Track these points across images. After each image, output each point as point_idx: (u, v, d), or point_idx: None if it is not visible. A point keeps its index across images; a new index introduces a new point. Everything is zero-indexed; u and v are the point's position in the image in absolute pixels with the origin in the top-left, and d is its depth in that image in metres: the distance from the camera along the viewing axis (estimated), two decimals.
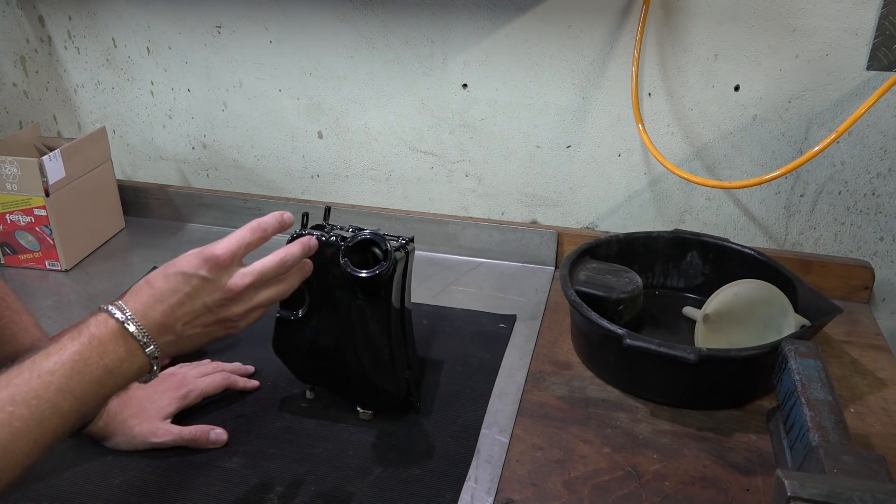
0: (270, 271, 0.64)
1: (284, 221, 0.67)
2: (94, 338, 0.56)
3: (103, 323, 0.57)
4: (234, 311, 0.62)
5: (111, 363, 0.56)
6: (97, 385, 0.55)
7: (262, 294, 0.64)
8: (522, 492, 0.74)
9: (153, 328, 0.58)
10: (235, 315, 0.63)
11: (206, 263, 0.61)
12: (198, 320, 0.61)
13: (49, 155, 1.08)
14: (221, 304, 0.61)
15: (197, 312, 0.60)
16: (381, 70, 1.16)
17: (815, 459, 0.64)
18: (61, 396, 0.54)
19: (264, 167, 1.29)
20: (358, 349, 0.78)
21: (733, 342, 0.90)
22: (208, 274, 0.60)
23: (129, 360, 0.57)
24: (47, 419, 0.53)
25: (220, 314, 0.62)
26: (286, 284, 0.66)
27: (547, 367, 0.93)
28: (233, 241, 0.62)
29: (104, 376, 0.56)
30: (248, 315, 0.64)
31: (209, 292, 0.61)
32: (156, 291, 0.60)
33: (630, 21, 1.04)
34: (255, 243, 0.64)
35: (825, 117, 1.03)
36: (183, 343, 0.61)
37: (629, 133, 1.10)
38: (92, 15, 1.24)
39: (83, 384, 0.55)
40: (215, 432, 0.79)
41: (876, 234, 1.09)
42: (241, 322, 0.64)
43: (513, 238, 1.18)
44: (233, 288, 0.61)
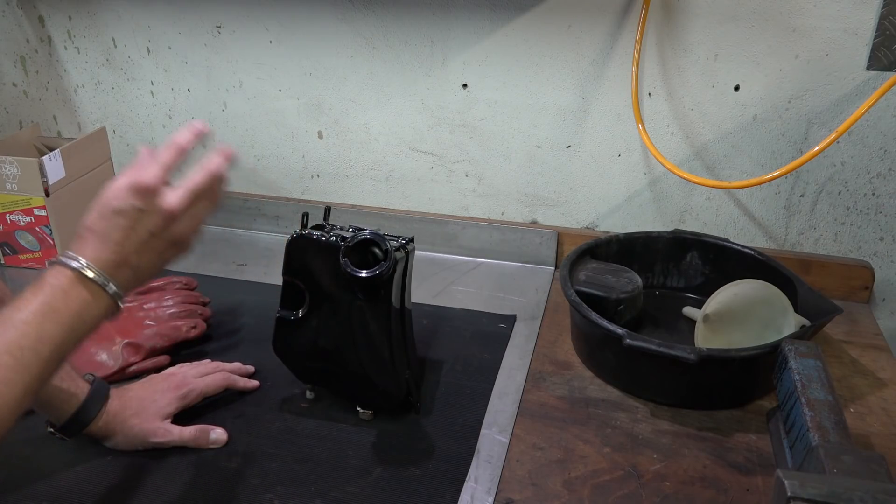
0: (201, 186, 0.65)
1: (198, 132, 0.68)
2: (55, 287, 0.58)
3: (61, 273, 0.59)
4: (178, 230, 0.64)
5: (78, 307, 0.58)
6: (70, 330, 0.57)
7: (199, 208, 0.65)
8: (522, 492, 0.74)
9: (108, 267, 0.60)
10: (181, 234, 0.64)
11: (136, 194, 0.61)
12: (147, 247, 0.62)
13: (49, 155, 1.08)
14: (165, 227, 0.62)
15: (144, 241, 0.62)
16: (381, 70, 1.16)
17: (815, 459, 0.64)
18: (40, 343, 0.56)
19: (264, 167, 1.29)
20: (358, 349, 0.78)
21: (733, 342, 0.90)
22: (141, 203, 0.61)
23: (95, 303, 0.59)
24: (32, 366, 0.55)
25: (166, 236, 0.63)
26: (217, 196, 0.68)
27: (547, 367, 0.93)
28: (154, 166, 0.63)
29: (74, 321, 0.58)
30: (195, 229, 0.66)
31: (149, 219, 0.62)
32: (98, 233, 0.61)
33: (630, 21, 1.04)
34: (175, 160, 0.65)
35: (825, 117, 1.03)
36: (141, 273, 0.63)
37: (629, 133, 1.10)
38: (92, 15, 1.24)
39: (57, 330, 0.57)
40: (215, 432, 0.79)
41: (876, 234, 1.09)
42: (190, 239, 0.66)
43: (513, 238, 1.18)
44: (170, 210, 0.62)
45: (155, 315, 0.93)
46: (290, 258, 0.79)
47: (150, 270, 0.64)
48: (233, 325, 1.00)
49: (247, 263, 1.18)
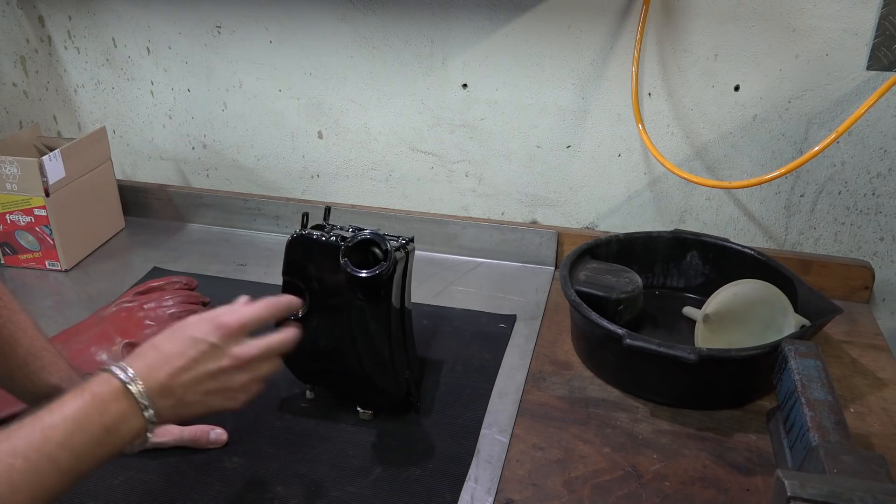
0: (276, 346, 0.65)
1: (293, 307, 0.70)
2: (96, 395, 0.56)
3: (106, 382, 0.57)
4: (237, 380, 0.63)
5: (110, 422, 0.56)
6: (96, 444, 0.55)
7: (264, 366, 0.65)
8: (522, 492, 0.74)
9: (155, 390, 0.58)
10: (238, 385, 0.63)
11: (217, 331, 0.61)
12: (200, 386, 0.61)
13: (49, 155, 1.08)
14: (226, 372, 0.62)
15: (200, 378, 0.60)
16: (381, 70, 1.16)
17: (815, 459, 0.64)
18: (60, 451, 0.53)
19: (264, 167, 1.29)
20: (358, 349, 0.78)
21: (733, 342, 0.90)
22: (217, 341, 0.61)
23: (127, 421, 0.57)
24: (45, 474, 0.52)
25: (222, 382, 0.62)
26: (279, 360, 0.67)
27: (547, 367, 0.93)
28: (245, 313, 0.64)
29: (103, 435, 0.55)
30: (249, 387, 0.64)
31: (216, 359, 0.61)
32: (161, 354, 0.60)
33: (630, 21, 1.04)
34: (265, 319, 0.66)
35: (825, 117, 1.03)
36: (181, 409, 0.61)
37: (629, 133, 1.10)
38: (92, 15, 1.24)
39: (83, 441, 0.54)
40: (215, 432, 0.79)
41: (876, 234, 1.09)
42: (241, 394, 0.64)
43: (513, 238, 1.18)
44: (240, 356, 0.62)
45: (155, 315, 0.93)
46: (290, 258, 0.79)
47: (191, 409, 0.61)
48: None
49: (247, 263, 1.18)
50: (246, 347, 0.63)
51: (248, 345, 0.63)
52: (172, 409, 0.60)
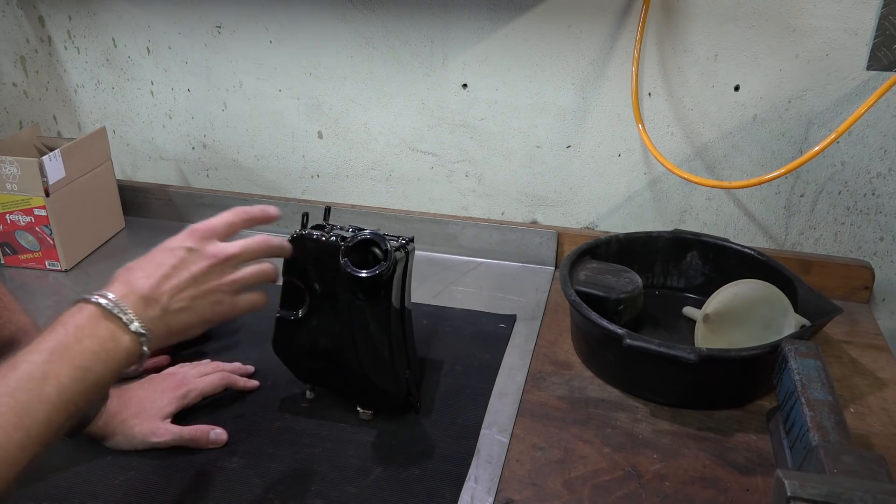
0: (254, 247, 0.64)
1: (269, 214, 0.68)
2: (68, 324, 0.55)
3: (80, 309, 0.56)
4: (218, 281, 0.62)
5: (94, 345, 0.54)
6: (83, 370, 0.53)
7: (246, 270, 0.64)
8: (522, 492, 0.74)
9: (136, 302, 0.57)
10: (220, 286, 0.62)
11: (191, 235, 0.62)
12: (183, 293, 0.59)
13: (49, 155, 1.08)
14: (206, 272, 0.61)
15: (182, 283, 0.59)
16: (381, 70, 1.16)
17: (815, 459, 0.64)
18: (44, 384, 0.52)
19: (264, 167, 1.29)
20: (358, 349, 0.78)
21: (733, 342, 0.90)
22: (194, 244, 0.61)
23: (114, 340, 0.55)
24: (35, 411, 0.51)
25: (205, 284, 0.61)
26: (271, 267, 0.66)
27: (547, 367, 0.93)
28: (217, 219, 0.64)
29: (90, 360, 0.54)
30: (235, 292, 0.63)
31: (193, 261, 0.61)
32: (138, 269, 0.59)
33: (630, 21, 1.04)
34: (238, 224, 0.65)
35: (825, 117, 1.03)
36: (170, 319, 0.59)
37: (629, 133, 1.10)
38: (92, 15, 1.24)
39: (65, 369, 0.53)
40: (215, 432, 0.79)
41: (876, 234, 1.09)
42: (228, 298, 0.63)
43: (513, 238, 1.18)
44: (216, 253, 0.61)
45: None
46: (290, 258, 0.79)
47: (180, 319, 0.60)
48: (233, 325, 1.00)
49: None
50: (223, 245, 0.63)
51: (224, 243, 0.63)
52: (162, 321, 0.58)
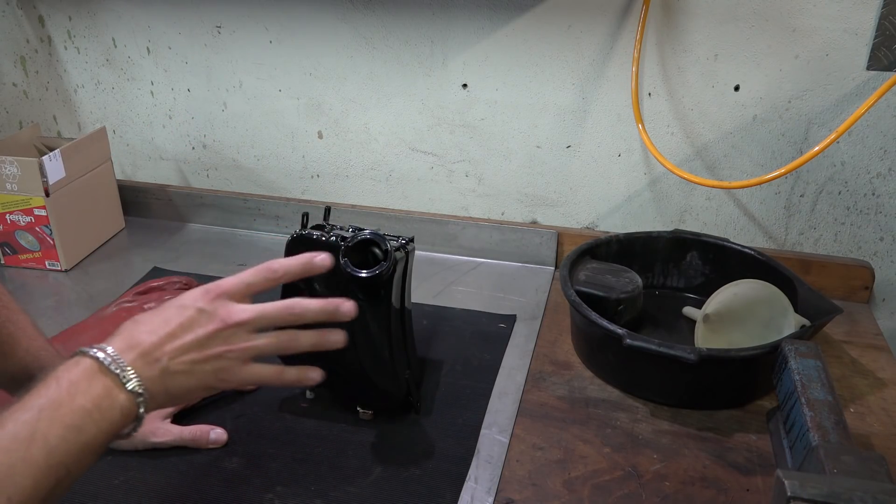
0: (272, 313, 0.59)
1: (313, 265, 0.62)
2: (62, 378, 0.51)
3: (76, 363, 0.52)
4: (225, 347, 0.57)
5: (87, 403, 0.50)
6: (74, 430, 0.49)
7: (260, 338, 0.59)
8: (522, 492, 0.74)
9: (135, 359, 0.53)
10: (229, 352, 0.57)
11: (206, 294, 0.57)
12: (186, 355, 0.55)
13: (49, 155, 1.08)
14: (212, 336, 0.56)
15: (187, 344, 0.55)
16: (381, 70, 1.16)
17: (815, 459, 0.64)
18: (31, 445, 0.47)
19: (264, 167, 1.29)
20: (358, 349, 0.78)
21: (733, 342, 0.90)
22: (205, 305, 0.56)
23: (109, 398, 0.51)
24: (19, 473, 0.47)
25: (210, 349, 0.56)
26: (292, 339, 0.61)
27: (547, 367, 0.93)
28: (236, 278, 0.59)
29: (81, 419, 0.50)
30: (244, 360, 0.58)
31: (202, 323, 0.56)
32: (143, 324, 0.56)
33: (630, 21, 1.04)
34: (258, 285, 0.60)
35: (825, 117, 1.03)
36: (170, 382, 0.55)
37: (629, 133, 1.10)
38: (92, 15, 1.24)
39: (55, 429, 0.48)
40: (215, 432, 0.79)
41: (876, 234, 1.09)
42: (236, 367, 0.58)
43: (513, 238, 1.18)
44: (226, 318, 0.56)
45: None
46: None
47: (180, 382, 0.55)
48: None
49: (246, 263, 1.17)
50: (235, 309, 0.57)
51: (237, 308, 0.57)
52: (161, 381, 0.54)
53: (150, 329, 0.55)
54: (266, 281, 0.61)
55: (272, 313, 0.59)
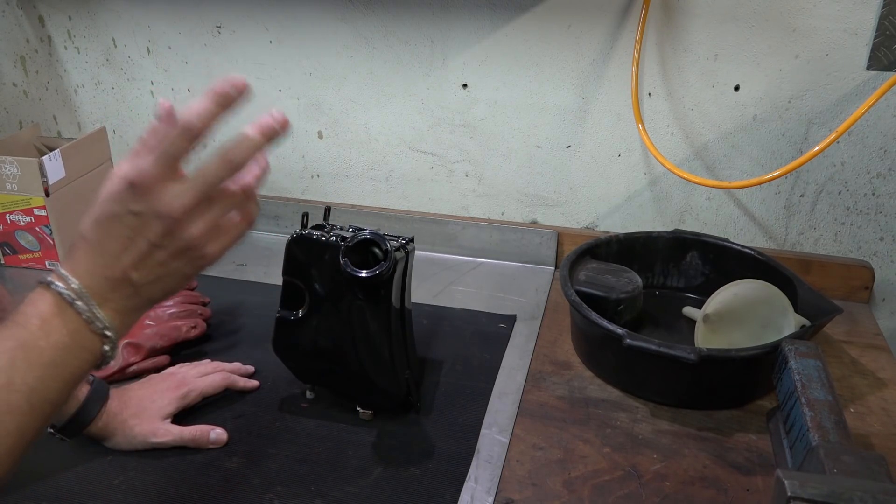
0: (213, 176, 0.52)
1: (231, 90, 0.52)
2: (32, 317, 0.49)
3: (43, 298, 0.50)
4: (187, 237, 0.52)
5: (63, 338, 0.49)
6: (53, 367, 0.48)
7: (215, 207, 0.53)
8: (522, 492, 0.74)
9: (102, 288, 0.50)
10: (193, 241, 0.52)
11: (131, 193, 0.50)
12: (150, 261, 0.51)
13: (49, 155, 1.08)
14: (167, 234, 0.51)
15: (144, 253, 0.51)
16: (381, 70, 1.16)
17: (815, 459, 0.64)
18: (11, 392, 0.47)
19: None
20: (358, 349, 0.78)
21: (733, 342, 0.90)
22: (137, 206, 0.50)
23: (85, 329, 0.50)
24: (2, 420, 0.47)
25: (173, 246, 0.52)
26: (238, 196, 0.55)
27: (547, 367, 0.93)
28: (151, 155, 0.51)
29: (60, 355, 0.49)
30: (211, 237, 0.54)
31: (148, 225, 0.51)
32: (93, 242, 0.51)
33: (630, 21, 1.04)
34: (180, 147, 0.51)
35: (825, 117, 1.03)
36: (147, 291, 0.52)
37: (629, 133, 1.10)
38: (92, 15, 1.24)
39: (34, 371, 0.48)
40: (215, 432, 0.79)
41: (876, 234, 1.09)
42: (208, 247, 0.54)
43: (513, 238, 1.18)
44: (171, 213, 0.50)
45: (155, 315, 0.93)
46: (290, 258, 0.79)
47: (159, 287, 0.53)
48: (233, 325, 1.00)
49: (247, 263, 1.18)
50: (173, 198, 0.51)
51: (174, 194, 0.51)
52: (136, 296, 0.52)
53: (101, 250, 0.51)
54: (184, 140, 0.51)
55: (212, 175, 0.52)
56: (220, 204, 0.53)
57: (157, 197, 0.51)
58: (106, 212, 0.51)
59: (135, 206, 0.50)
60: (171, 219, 0.51)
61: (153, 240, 0.51)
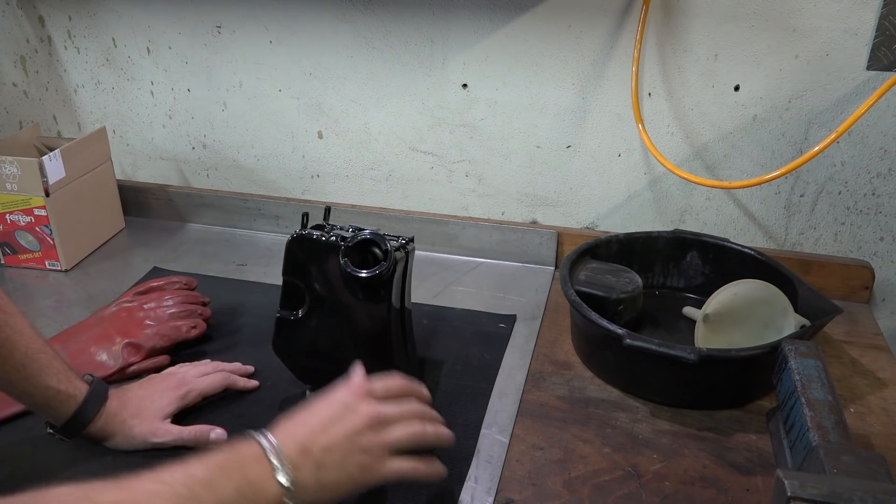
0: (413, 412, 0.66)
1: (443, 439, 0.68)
2: (237, 451, 0.58)
3: (248, 443, 0.59)
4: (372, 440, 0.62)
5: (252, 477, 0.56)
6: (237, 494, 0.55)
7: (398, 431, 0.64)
8: (522, 492, 0.74)
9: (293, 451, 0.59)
10: (373, 446, 0.62)
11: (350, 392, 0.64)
12: (336, 446, 0.60)
13: (49, 155, 1.08)
14: (360, 430, 0.62)
15: (336, 437, 0.61)
16: (381, 70, 1.16)
17: (815, 459, 0.64)
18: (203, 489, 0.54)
19: (264, 167, 1.29)
20: (358, 349, 0.78)
21: (733, 342, 0.90)
22: (350, 400, 0.63)
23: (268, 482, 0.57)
24: None
25: (358, 442, 0.61)
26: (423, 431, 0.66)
27: (547, 367, 0.93)
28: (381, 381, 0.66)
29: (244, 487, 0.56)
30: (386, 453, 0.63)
31: (351, 417, 0.62)
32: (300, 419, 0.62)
33: (630, 21, 1.04)
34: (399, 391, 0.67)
35: (825, 117, 1.03)
36: (323, 473, 0.59)
37: (629, 133, 1.10)
38: (92, 15, 1.24)
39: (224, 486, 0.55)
40: (215, 432, 0.79)
41: (876, 234, 1.09)
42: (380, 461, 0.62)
43: (513, 238, 1.18)
44: (372, 413, 0.62)
45: (155, 315, 0.93)
46: (290, 258, 0.79)
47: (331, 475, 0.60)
48: (233, 325, 1.00)
49: (247, 263, 1.18)
50: (379, 405, 0.64)
51: (381, 404, 0.64)
52: (313, 474, 0.59)
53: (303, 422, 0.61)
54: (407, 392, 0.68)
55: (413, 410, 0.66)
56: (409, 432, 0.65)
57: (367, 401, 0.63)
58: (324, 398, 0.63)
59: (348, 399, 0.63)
60: (370, 418, 0.62)
61: (348, 430, 0.61)
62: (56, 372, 0.72)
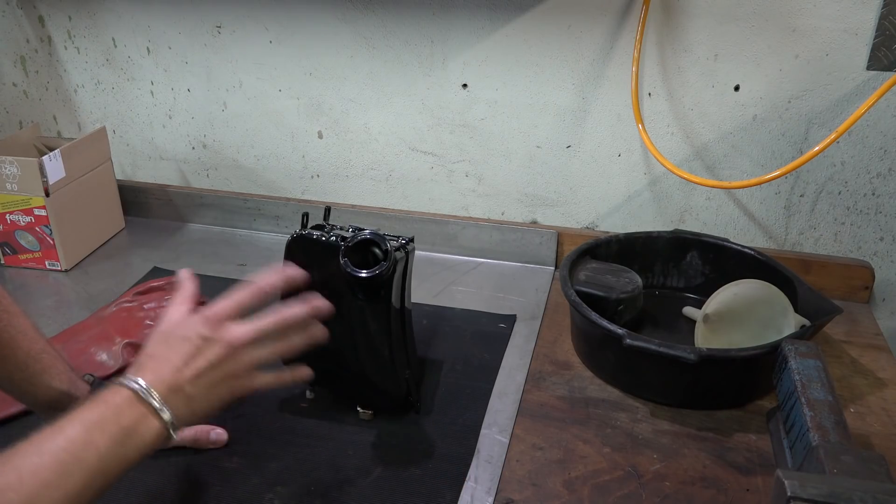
0: (268, 328, 0.66)
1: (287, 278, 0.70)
2: (109, 403, 0.58)
3: (117, 392, 0.59)
4: (236, 365, 0.64)
5: (128, 424, 0.57)
6: (117, 443, 0.56)
7: (261, 350, 0.65)
8: (522, 492, 0.74)
9: (163, 391, 0.60)
10: (238, 370, 0.64)
11: (207, 322, 0.63)
12: (203, 378, 0.62)
13: (49, 155, 1.08)
14: (223, 359, 0.63)
15: (202, 370, 0.62)
16: (381, 70, 1.16)
17: (815, 459, 0.64)
18: (85, 449, 0.54)
19: (264, 167, 1.29)
20: (358, 349, 0.78)
21: (733, 342, 0.90)
22: (207, 332, 0.63)
23: (146, 424, 0.58)
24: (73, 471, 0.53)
25: (223, 369, 0.63)
26: (287, 344, 0.68)
27: (547, 367, 0.93)
28: (228, 301, 0.65)
29: (122, 436, 0.56)
30: (251, 372, 0.65)
31: (211, 348, 0.62)
32: (158, 357, 0.62)
33: (630, 21, 1.04)
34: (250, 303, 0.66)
35: (825, 117, 1.03)
36: (194, 405, 0.62)
37: (629, 133, 1.10)
38: (92, 15, 1.24)
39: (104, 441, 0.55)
40: (215, 432, 0.79)
41: (876, 234, 1.09)
42: (246, 380, 0.65)
43: (513, 238, 1.18)
44: (231, 341, 0.63)
45: (155, 315, 0.93)
46: (289, 258, 0.79)
47: (202, 402, 0.62)
48: None
49: (247, 263, 1.18)
50: (235, 331, 0.64)
51: (238, 328, 0.64)
52: (186, 406, 0.61)
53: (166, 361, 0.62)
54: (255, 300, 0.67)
55: (268, 326, 0.66)
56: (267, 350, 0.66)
57: (224, 327, 0.64)
58: (176, 334, 0.63)
59: (204, 331, 0.63)
60: (231, 346, 0.63)
61: (213, 359, 0.62)
62: (58, 372, 0.72)
